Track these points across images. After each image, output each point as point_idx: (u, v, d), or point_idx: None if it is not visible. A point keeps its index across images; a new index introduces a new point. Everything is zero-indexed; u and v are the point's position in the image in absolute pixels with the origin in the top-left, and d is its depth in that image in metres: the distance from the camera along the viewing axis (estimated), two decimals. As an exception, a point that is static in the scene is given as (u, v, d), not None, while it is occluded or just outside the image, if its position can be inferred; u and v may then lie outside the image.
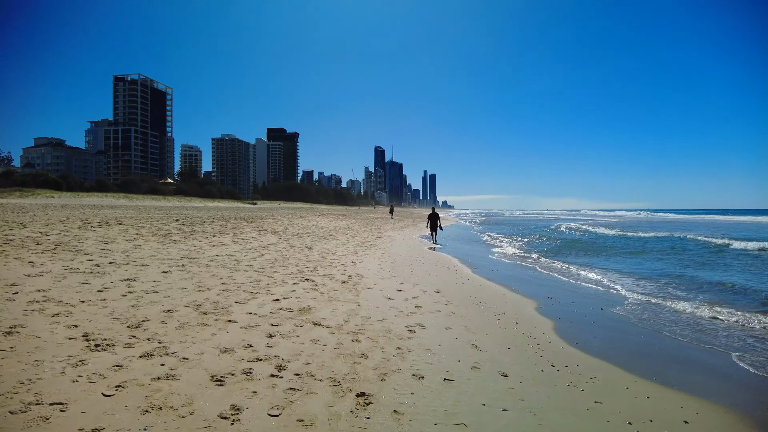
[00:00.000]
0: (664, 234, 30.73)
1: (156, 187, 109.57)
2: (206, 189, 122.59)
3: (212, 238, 14.95)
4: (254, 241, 15.35)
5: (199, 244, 13.45)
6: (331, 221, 33.07)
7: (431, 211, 23.21)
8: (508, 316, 7.53)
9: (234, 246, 13.69)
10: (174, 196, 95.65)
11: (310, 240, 17.55)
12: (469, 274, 12.08)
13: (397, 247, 18.36)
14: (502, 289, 10.20)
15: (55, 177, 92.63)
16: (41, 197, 61.16)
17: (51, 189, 77.25)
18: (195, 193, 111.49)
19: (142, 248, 11.52)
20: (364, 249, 16.24)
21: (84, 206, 39.02)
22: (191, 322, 5.58)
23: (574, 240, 26.70)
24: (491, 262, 15.48)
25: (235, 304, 6.66)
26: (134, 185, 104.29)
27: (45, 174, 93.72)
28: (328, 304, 7.17)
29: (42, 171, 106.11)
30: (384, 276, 10.54)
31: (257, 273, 9.39)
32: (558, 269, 14.02)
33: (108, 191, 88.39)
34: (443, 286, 9.89)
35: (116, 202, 63.21)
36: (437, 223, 22.20)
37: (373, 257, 14.11)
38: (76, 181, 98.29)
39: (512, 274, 12.81)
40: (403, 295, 8.38)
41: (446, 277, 11.30)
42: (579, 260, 16.35)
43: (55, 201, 53.96)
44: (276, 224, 24.47)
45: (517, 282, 11.37)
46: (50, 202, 46.23)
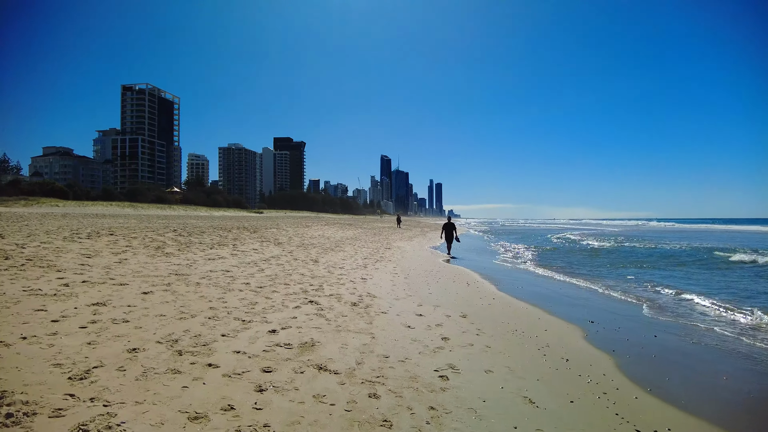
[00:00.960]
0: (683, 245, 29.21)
1: (162, 196, 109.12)
2: (213, 198, 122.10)
3: (209, 251, 13.71)
4: (255, 254, 14.10)
5: (193, 257, 12.21)
6: (337, 231, 31.81)
7: (447, 220, 21.53)
8: (554, 349, 6.19)
9: (232, 259, 12.43)
10: (180, 206, 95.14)
11: (315, 252, 16.28)
12: (494, 292, 10.74)
13: (409, 259, 17.05)
14: (535, 310, 8.86)
15: (62, 186, 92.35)
16: (46, 206, 60.55)
17: (57, 198, 76.84)
18: (201, 203, 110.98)
19: (127, 263, 10.28)
20: (373, 262, 14.95)
21: (85, 215, 38.04)
22: (159, 367, 4.28)
23: (589, 250, 25.19)
24: (513, 276, 14.10)
25: (221, 338, 5.36)
26: (140, 194, 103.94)
27: (52, 183, 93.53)
28: (336, 336, 5.85)
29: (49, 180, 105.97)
30: (399, 295, 9.23)
31: (254, 293, 8.10)
32: (583, 283, 12.64)
33: (114, 200, 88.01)
34: (468, 307, 8.56)
35: (121, 211, 62.42)
36: (453, 234, 20.47)
37: (385, 272, 12.81)
38: (82, 190, 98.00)
39: (539, 291, 11.43)
40: (424, 322, 7.05)
41: (469, 295, 9.97)
42: (600, 272, 14.94)
43: (58, 210, 53.17)
44: (280, 234, 23.23)
45: (547, 301, 10.02)
46: (52, 211, 45.34)
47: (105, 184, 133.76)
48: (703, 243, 31.39)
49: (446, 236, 20.45)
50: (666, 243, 31.46)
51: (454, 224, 20.84)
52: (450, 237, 20.33)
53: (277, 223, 37.54)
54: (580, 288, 12.27)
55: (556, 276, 14.59)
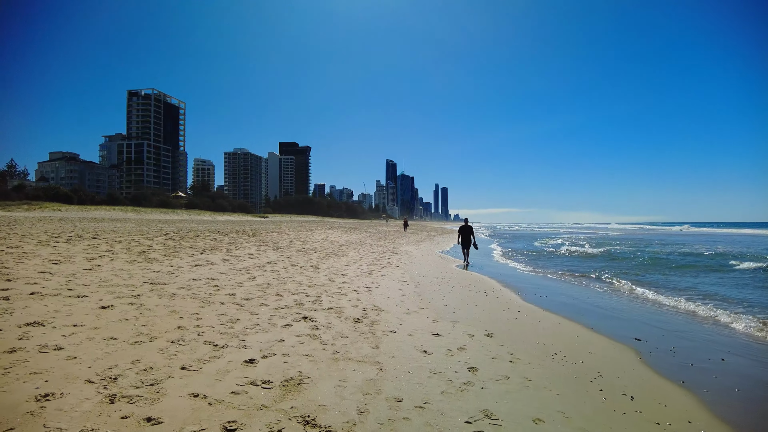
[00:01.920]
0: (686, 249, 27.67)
1: (167, 200, 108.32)
2: (218, 203, 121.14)
3: (198, 256, 12.44)
4: (249, 259, 12.81)
5: (178, 263, 10.93)
6: (341, 235, 30.51)
7: (464, 223, 18.82)
8: (610, 380, 4.85)
9: (222, 266, 11.14)
10: (184, 210, 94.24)
11: (316, 257, 14.98)
12: (517, 302, 9.38)
13: (418, 265, 15.71)
14: (569, 324, 7.53)
15: (67, 190, 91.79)
16: (48, 210, 59.70)
17: (61, 202, 76.11)
18: (206, 207, 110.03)
19: (99, 270, 9.02)
20: (379, 268, 13.64)
21: (83, 219, 37.00)
22: (71, 428, 2.98)
23: (607, 255, 23.68)
24: (533, 282, 12.71)
25: (180, 372, 4.05)
26: (145, 199, 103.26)
27: (57, 188, 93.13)
28: (332, 367, 4.52)
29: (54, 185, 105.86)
30: (409, 308, 7.89)
31: (237, 307, 6.79)
32: (614, 291, 11.24)
33: (119, 205, 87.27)
34: (492, 323, 7.22)
35: (123, 216, 61.51)
36: (471, 239, 17.91)
37: (392, 279, 11.48)
38: (87, 195, 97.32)
39: (565, 300, 10.03)
40: (443, 345, 5.71)
41: (490, 307, 8.62)
42: (627, 277, 13.49)
43: (60, 214, 52.34)
44: (281, 238, 21.96)
45: (578, 312, 8.67)
46: (50, 215, 44.39)
47: (111, 188, 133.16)
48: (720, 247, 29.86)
49: (463, 241, 18.00)
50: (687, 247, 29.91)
51: (471, 227, 18.24)
52: (467, 242, 17.87)
53: (280, 227, 36.30)
54: (605, 295, 10.89)
55: (576, 282, 13.22)
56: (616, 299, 10.50)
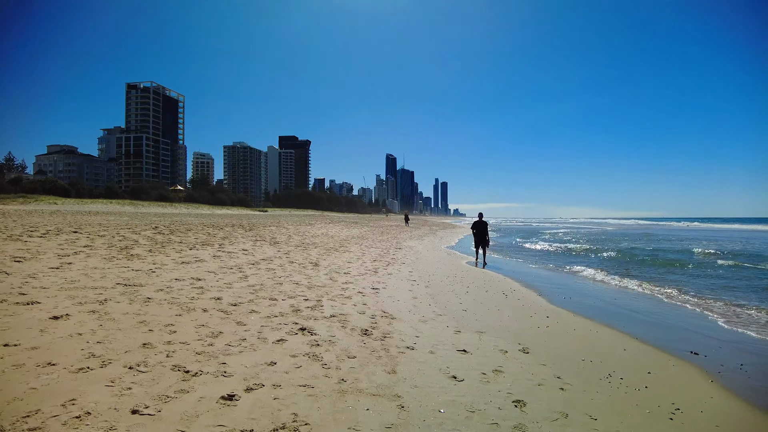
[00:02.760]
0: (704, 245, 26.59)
1: (165, 194, 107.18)
2: (217, 197, 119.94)
3: (187, 252, 11.32)
4: (243, 256, 11.70)
5: (163, 260, 9.81)
6: (342, 229, 29.40)
7: (478, 217, 16.32)
8: (694, 416, 3.77)
9: (211, 263, 10.02)
10: (182, 204, 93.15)
11: (316, 253, 13.87)
12: (543, 305, 8.28)
13: (425, 261, 14.62)
14: (610, 333, 6.49)
15: (64, 184, 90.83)
16: (44, 203, 58.63)
17: (59, 196, 75.04)
18: (206, 201, 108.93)
19: (68, 269, 7.89)
20: (384, 265, 12.54)
21: (77, 212, 35.85)
22: None
23: (622, 250, 22.53)
24: (551, 281, 11.57)
25: (129, 418, 2.94)
26: (144, 192, 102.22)
27: (55, 181, 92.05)
28: (338, 405, 3.39)
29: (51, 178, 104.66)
30: (425, 315, 6.79)
31: (221, 316, 5.68)
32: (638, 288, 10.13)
33: (117, 198, 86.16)
34: (522, 333, 6.13)
35: (120, 209, 60.34)
36: (486, 236, 15.60)
37: (400, 278, 10.38)
38: (85, 188, 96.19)
39: (594, 303, 8.91)
40: (474, 366, 4.60)
41: (514, 311, 7.53)
42: (647, 276, 12.36)
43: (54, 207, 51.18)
44: (279, 233, 20.84)
45: (614, 317, 7.62)
46: (43, 209, 43.23)
47: (109, 182, 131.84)
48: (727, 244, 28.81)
49: (477, 238, 15.74)
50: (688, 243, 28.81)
51: (486, 223, 15.91)
52: (482, 239, 15.61)
53: (279, 221, 35.17)
54: (632, 296, 9.79)
55: (592, 280, 12.10)
56: (646, 301, 9.39)
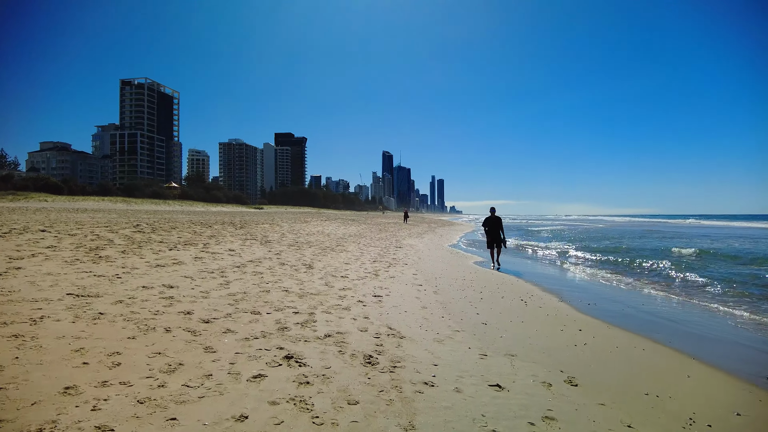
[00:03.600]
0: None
1: (159, 191, 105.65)
2: (212, 194, 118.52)
3: (165, 253, 10.12)
4: (229, 257, 10.52)
5: (135, 262, 8.62)
6: (339, 227, 28.20)
7: (491, 212, 14.07)
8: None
9: (191, 266, 8.84)
10: (176, 201, 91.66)
11: (310, 253, 12.71)
12: (570, 313, 7.14)
13: (429, 262, 13.48)
14: (661, 350, 5.44)
15: (57, 181, 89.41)
16: (34, 201, 57.11)
17: (50, 193, 73.50)
18: (201, 198, 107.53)
19: (14, 275, 6.68)
20: (385, 267, 11.40)
21: (65, 210, 34.52)
22: None
23: (629, 248, 21.38)
24: (566, 283, 10.40)
25: None
26: (138, 190, 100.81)
27: (46, 178, 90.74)
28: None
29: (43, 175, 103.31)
30: (440, 331, 5.63)
31: (187, 337, 4.51)
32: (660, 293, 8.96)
33: (111, 195, 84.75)
34: (559, 354, 4.99)
35: (111, 206, 58.92)
36: (500, 234, 13.52)
37: (404, 282, 9.23)
38: (78, 186, 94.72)
39: (624, 310, 7.75)
40: (514, 410, 3.45)
41: (541, 323, 6.39)
42: (661, 277, 11.21)
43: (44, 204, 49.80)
44: (272, 231, 19.66)
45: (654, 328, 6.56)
46: (33, 206, 41.87)
47: (103, 179, 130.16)
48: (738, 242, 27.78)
49: (491, 237, 13.59)
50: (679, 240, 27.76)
51: (500, 219, 13.77)
52: (496, 238, 13.46)
53: (273, 219, 33.93)
54: (658, 300, 8.64)
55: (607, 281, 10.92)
56: (676, 306, 8.25)
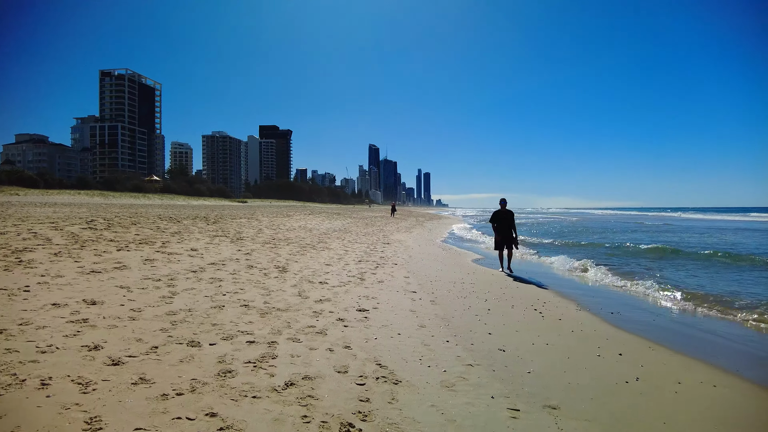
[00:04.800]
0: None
1: (140, 185, 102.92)
2: (195, 187, 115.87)
3: (111, 254, 8.49)
4: (188, 258, 8.93)
5: (64, 268, 6.98)
6: (322, 222, 26.62)
7: (501, 206, 11.39)
8: None
9: (136, 272, 7.23)
10: (157, 195, 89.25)
11: (287, 252, 11.16)
12: (601, 329, 5.68)
13: (421, 260, 12.04)
14: (740, 386, 3.98)
15: (32, 174, 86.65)
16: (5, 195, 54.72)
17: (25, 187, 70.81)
18: (184, 192, 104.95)
19: None
20: (373, 267, 9.92)
21: (29, 204, 32.43)
22: None
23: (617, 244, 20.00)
24: (580, 287, 8.87)
25: None
26: (118, 183, 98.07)
27: (21, 171, 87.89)
28: None
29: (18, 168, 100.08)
30: (448, 367, 4.11)
31: (69, 398, 2.98)
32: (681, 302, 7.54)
33: (90, 189, 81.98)
34: (613, 399, 3.55)
35: (88, 200, 56.71)
36: (513, 232, 11.06)
37: (395, 288, 7.74)
38: (55, 179, 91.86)
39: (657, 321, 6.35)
40: None
41: (575, 346, 4.93)
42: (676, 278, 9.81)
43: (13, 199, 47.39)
44: (248, 226, 18.03)
45: (709, 349, 5.12)
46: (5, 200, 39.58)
47: (83, 173, 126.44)
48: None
49: (500, 234, 11.16)
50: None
51: (512, 213, 11.29)
52: (507, 237, 11.05)
53: (253, 213, 32.21)
54: (682, 308, 7.20)
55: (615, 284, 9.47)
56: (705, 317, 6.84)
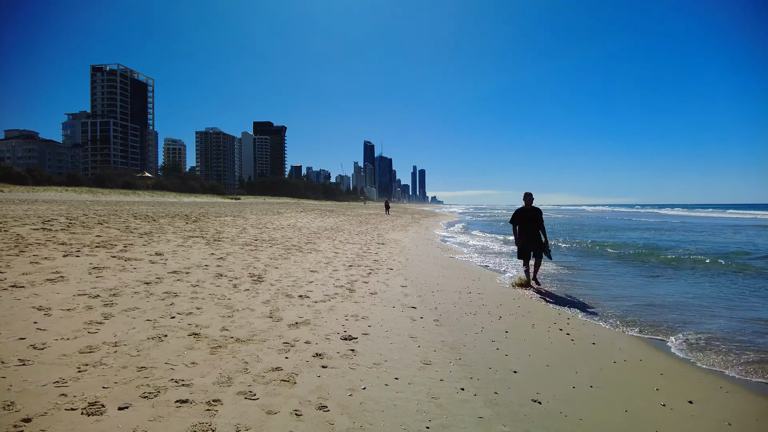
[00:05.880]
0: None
1: (131, 181, 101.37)
2: (188, 184, 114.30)
3: (55, 261, 7.13)
4: (147, 265, 7.60)
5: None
6: (314, 219, 25.29)
7: (525, 202, 9.04)
8: None
9: (72, 284, 5.91)
10: (148, 191, 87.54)
11: (267, 256, 9.85)
12: (650, 358, 4.41)
13: (420, 263, 10.76)
14: None
15: (20, 170, 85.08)
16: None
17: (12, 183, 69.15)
18: (176, 189, 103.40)
19: None
20: (365, 274, 8.63)
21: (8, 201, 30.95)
22: None
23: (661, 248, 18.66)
24: (603, 292, 7.59)
25: None
26: (109, 179, 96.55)
27: (9, 167, 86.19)
28: None
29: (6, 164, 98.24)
30: None
31: None
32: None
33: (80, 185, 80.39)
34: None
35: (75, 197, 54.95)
36: (540, 235, 8.82)
37: (390, 303, 6.44)
38: (44, 175, 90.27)
39: (714, 343, 5.05)
40: None
41: (624, 396, 3.67)
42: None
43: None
44: (232, 225, 16.69)
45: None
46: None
47: (74, 169, 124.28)
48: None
49: (525, 239, 8.83)
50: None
51: (539, 211, 8.91)
52: (534, 242, 8.77)
53: (242, 210, 30.82)
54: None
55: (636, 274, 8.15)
56: None
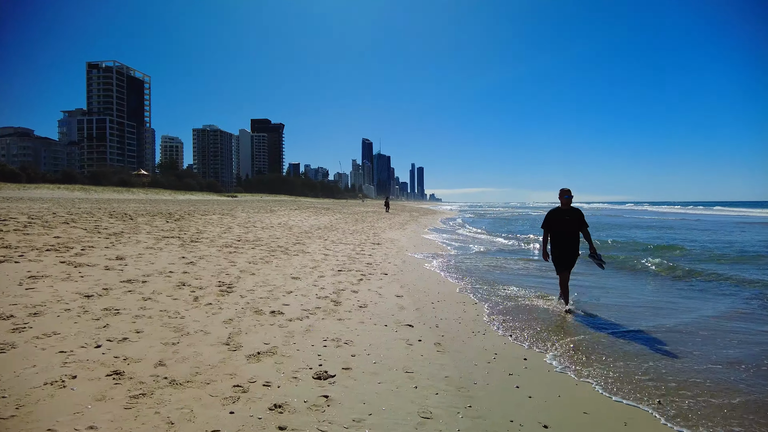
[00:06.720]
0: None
1: (127, 179, 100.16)
2: (185, 182, 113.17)
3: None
4: (100, 272, 6.49)
5: None
6: (308, 217, 24.16)
7: (561, 201, 6.65)
8: None
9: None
10: (143, 189, 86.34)
11: (248, 257, 8.74)
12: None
13: (419, 266, 9.64)
14: None
15: (14, 168, 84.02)
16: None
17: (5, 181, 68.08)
18: (173, 186, 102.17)
19: None
20: (355, 281, 7.54)
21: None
22: None
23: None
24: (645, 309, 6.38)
25: None
26: (104, 177, 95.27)
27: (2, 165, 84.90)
28: None
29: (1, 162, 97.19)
30: None
31: None
32: None
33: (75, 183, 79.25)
34: None
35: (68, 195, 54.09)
36: (578, 241, 6.67)
37: (381, 321, 5.32)
38: (38, 173, 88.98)
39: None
40: None
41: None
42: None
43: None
44: (218, 224, 15.57)
45: None
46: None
47: (70, 167, 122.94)
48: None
49: (559, 247, 6.65)
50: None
51: (581, 213, 6.64)
52: (572, 250, 6.60)
53: (233, 208, 29.68)
54: None
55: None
56: None
